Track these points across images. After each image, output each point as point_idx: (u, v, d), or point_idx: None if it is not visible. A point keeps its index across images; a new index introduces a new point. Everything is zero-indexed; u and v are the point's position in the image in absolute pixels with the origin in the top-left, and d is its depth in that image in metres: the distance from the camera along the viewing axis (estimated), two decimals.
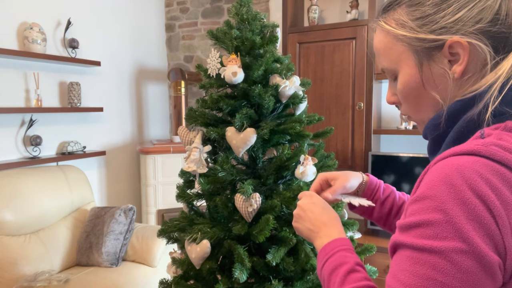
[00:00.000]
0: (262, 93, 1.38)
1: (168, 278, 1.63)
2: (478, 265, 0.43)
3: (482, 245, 0.43)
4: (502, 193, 0.45)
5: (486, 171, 0.46)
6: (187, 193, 1.53)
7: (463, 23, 0.54)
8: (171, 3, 3.75)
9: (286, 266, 1.36)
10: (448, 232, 0.45)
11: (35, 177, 2.35)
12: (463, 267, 0.44)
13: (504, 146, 0.47)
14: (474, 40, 0.53)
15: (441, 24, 0.55)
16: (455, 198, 0.45)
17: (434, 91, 0.59)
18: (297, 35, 2.81)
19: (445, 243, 0.44)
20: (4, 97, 2.39)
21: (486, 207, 0.44)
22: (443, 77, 0.57)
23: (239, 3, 1.49)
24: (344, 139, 2.69)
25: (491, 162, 0.47)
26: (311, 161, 1.42)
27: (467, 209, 0.44)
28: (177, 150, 3.12)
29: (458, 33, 0.54)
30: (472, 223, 0.44)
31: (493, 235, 0.44)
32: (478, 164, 0.47)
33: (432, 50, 0.57)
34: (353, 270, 0.60)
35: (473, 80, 0.55)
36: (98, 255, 2.33)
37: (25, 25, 2.48)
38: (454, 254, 0.44)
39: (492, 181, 0.45)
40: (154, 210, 3.15)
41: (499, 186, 0.45)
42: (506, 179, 0.45)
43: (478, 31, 0.53)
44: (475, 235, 0.44)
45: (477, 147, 0.48)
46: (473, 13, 0.53)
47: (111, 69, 3.19)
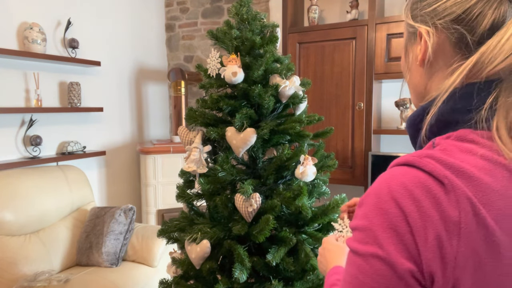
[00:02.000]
0: (262, 93, 1.38)
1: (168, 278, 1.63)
2: (390, 270, 0.46)
3: (394, 253, 0.46)
4: (421, 204, 0.46)
5: (412, 182, 0.47)
6: (187, 193, 1.53)
7: (435, 13, 0.54)
8: (171, 3, 3.75)
9: (286, 266, 1.36)
10: (369, 238, 0.48)
11: (35, 177, 2.35)
12: (378, 270, 0.47)
13: (437, 158, 0.48)
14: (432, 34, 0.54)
15: (421, 12, 0.56)
16: (378, 207, 0.48)
17: (409, 76, 0.61)
18: (297, 35, 2.81)
19: (366, 248, 0.48)
20: (4, 97, 2.39)
21: (404, 218, 0.46)
22: (413, 62, 0.60)
23: (239, 3, 1.49)
24: (344, 139, 2.69)
25: (422, 173, 0.48)
26: (311, 161, 1.42)
27: (385, 218, 0.47)
28: (177, 150, 3.12)
29: (426, 23, 0.55)
30: (388, 231, 0.47)
31: (407, 244, 0.46)
32: (408, 176, 0.48)
33: (412, 35, 0.59)
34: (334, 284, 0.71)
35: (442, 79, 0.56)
36: (98, 255, 2.33)
37: (25, 25, 2.48)
38: (371, 258, 0.48)
39: (415, 193, 0.46)
40: (154, 210, 3.15)
41: (420, 197, 0.46)
42: (429, 190, 0.46)
43: (442, 25, 0.54)
44: (390, 243, 0.46)
45: (412, 159, 0.50)
46: (446, 6, 0.53)
47: (111, 69, 3.19)
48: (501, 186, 0.46)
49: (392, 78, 2.55)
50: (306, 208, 1.38)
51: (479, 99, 0.50)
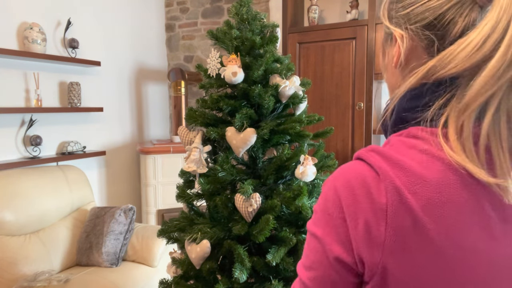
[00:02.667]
0: (262, 93, 1.38)
1: (168, 278, 1.63)
2: (322, 249, 0.53)
3: (326, 235, 0.53)
4: (356, 193, 0.51)
5: (353, 174, 0.53)
6: (187, 193, 1.53)
7: (408, 18, 0.55)
8: (171, 3, 3.75)
9: (286, 266, 1.36)
10: (315, 219, 0.56)
11: (35, 177, 2.35)
12: (315, 246, 0.55)
13: (380, 152, 0.52)
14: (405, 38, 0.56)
15: (396, 15, 0.58)
16: (323, 194, 0.55)
17: (386, 75, 0.64)
18: (297, 35, 2.81)
19: (312, 228, 0.56)
20: (4, 97, 2.39)
21: (338, 205, 0.52)
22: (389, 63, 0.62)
23: (239, 3, 1.49)
24: (344, 139, 2.69)
25: (366, 165, 0.52)
26: (311, 161, 1.42)
27: (326, 204, 0.54)
28: (177, 150, 3.12)
29: (400, 27, 0.57)
30: (326, 216, 0.54)
31: (340, 230, 0.52)
32: (352, 168, 0.54)
33: (388, 37, 0.61)
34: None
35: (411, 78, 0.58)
36: (98, 255, 2.33)
37: (25, 25, 2.48)
38: (312, 236, 0.56)
39: (352, 183, 0.51)
40: (154, 210, 3.15)
41: (356, 188, 0.51)
42: (365, 181, 0.51)
43: (414, 30, 0.55)
44: (324, 225, 0.54)
45: (360, 153, 0.55)
46: (419, 11, 0.54)
47: (111, 69, 3.19)
48: (434, 178, 0.48)
49: None
50: (306, 208, 1.38)
51: (428, 99, 0.52)
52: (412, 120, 0.54)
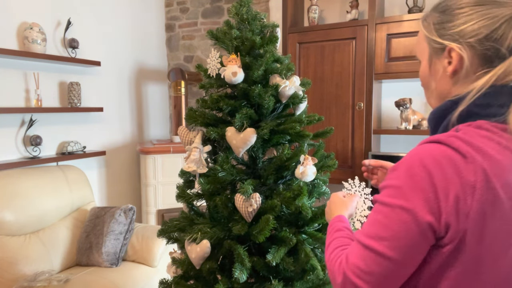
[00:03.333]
0: (262, 93, 1.38)
1: (168, 278, 1.63)
2: (412, 219, 0.62)
3: (418, 206, 0.62)
4: (445, 171, 0.61)
5: (440, 153, 0.63)
6: (187, 193, 1.53)
7: (463, 34, 0.68)
8: (171, 3, 3.75)
9: (286, 266, 1.36)
10: (397, 193, 0.64)
11: (35, 177, 2.35)
12: (402, 217, 0.63)
13: (461, 138, 0.63)
14: (463, 50, 0.68)
15: (448, 32, 0.70)
16: (408, 171, 0.64)
17: (435, 82, 0.76)
18: (297, 35, 2.81)
19: (394, 200, 0.64)
20: (4, 97, 2.39)
21: (429, 180, 0.62)
22: (442, 73, 0.73)
23: (239, 3, 1.49)
24: (344, 139, 2.70)
25: (448, 148, 0.63)
26: (311, 161, 1.42)
27: (414, 179, 0.63)
28: (177, 150, 3.12)
29: (456, 41, 0.69)
30: (415, 189, 0.62)
31: (429, 200, 0.61)
32: (436, 150, 0.64)
33: (439, 50, 0.73)
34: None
35: (466, 83, 0.70)
36: (98, 255, 2.33)
37: (25, 25, 2.48)
38: (398, 208, 0.63)
39: (440, 161, 0.62)
40: (154, 210, 3.15)
41: (445, 165, 0.62)
42: (453, 161, 0.62)
43: (471, 43, 0.67)
44: (415, 197, 0.62)
45: (440, 137, 0.65)
46: (473, 28, 0.67)
47: (111, 69, 3.19)
48: (509, 164, 0.62)
49: (392, 78, 2.55)
50: (306, 208, 1.38)
51: (500, 98, 0.65)
52: (482, 115, 0.66)
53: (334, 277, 0.71)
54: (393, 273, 0.64)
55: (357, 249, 0.67)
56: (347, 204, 0.98)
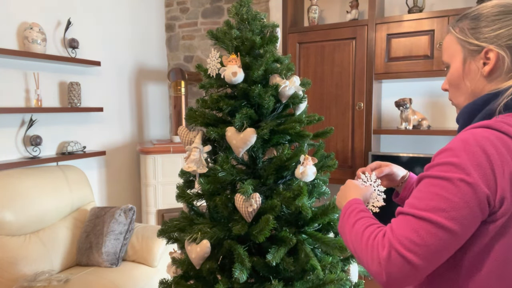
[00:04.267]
0: (262, 93, 1.38)
1: (168, 278, 1.63)
2: (472, 191, 0.67)
3: (478, 180, 0.68)
4: (500, 150, 0.70)
5: (492, 136, 0.71)
6: (187, 193, 1.53)
7: (499, 37, 0.77)
8: (171, 3, 3.75)
9: (286, 266, 1.36)
10: (457, 169, 0.69)
11: (35, 177, 2.35)
12: (462, 189, 0.68)
13: (508, 123, 0.72)
14: (502, 51, 0.77)
15: (485, 35, 0.79)
16: (467, 150, 0.70)
17: (468, 82, 0.83)
18: (297, 35, 2.81)
19: (454, 174, 0.69)
20: (4, 97, 2.39)
21: (487, 157, 0.69)
22: (476, 73, 0.81)
23: (239, 3, 1.49)
24: (344, 139, 2.70)
25: (497, 132, 0.71)
26: (311, 161, 1.42)
27: (473, 157, 0.69)
28: (177, 150, 3.12)
29: (494, 43, 0.78)
30: (474, 165, 0.68)
31: (487, 175, 0.68)
32: (488, 132, 0.71)
33: (474, 52, 0.81)
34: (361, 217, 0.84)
35: (500, 81, 0.79)
36: (98, 255, 2.33)
37: (25, 25, 2.48)
38: (458, 181, 0.68)
39: (494, 142, 0.70)
40: (154, 210, 3.15)
41: (499, 146, 0.70)
42: (505, 142, 0.70)
43: (508, 45, 0.77)
44: (474, 172, 0.68)
45: (489, 122, 0.73)
46: (509, 32, 0.76)
47: (111, 69, 3.19)
48: None
49: (392, 78, 2.55)
50: (306, 208, 1.37)
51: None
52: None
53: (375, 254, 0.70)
54: (448, 245, 0.67)
55: (407, 222, 0.69)
56: (363, 191, 0.98)
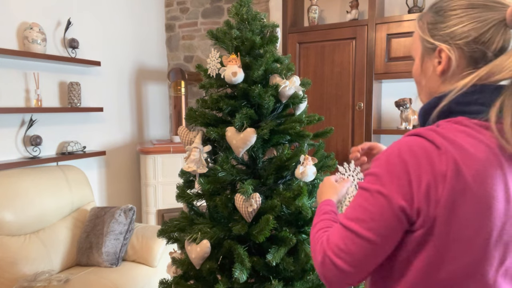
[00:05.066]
0: (262, 93, 1.38)
1: (168, 278, 1.63)
2: (387, 203, 0.68)
3: (393, 191, 0.67)
4: (420, 161, 0.66)
5: (417, 145, 0.68)
6: (187, 193, 1.53)
7: (453, 35, 0.72)
8: (171, 3, 3.75)
9: (286, 266, 1.36)
10: (376, 180, 0.70)
11: (35, 177, 2.35)
12: (378, 201, 0.69)
13: (438, 132, 0.68)
14: (453, 51, 0.72)
15: (440, 33, 0.74)
16: (387, 161, 0.70)
17: (425, 80, 0.80)
18: (297, 35, 2.81)
19: (373, 186, 0.70)
20: (4, 97, 2.39)
21: (405, 169, 0.67)
22: (432, 72, 0.77)
23: (239, 3, 1.49)
24: (344, 139, 2.69)
25: (425, 141, 0.68)
26: (311, 161, 1.42)
27: (392, 168, 0.68)
28: (177, 150, 3.12)
29: (446, 42, 0.73)
30: (391, 176, 0.68)
31: (403, 187, 0.67)
32: (415, 141, 0.69)
33: (430, 50, 0.76)
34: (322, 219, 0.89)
35: (453, 82, 0.74)
36: (98, 255, 2.33)
37: (25, 25, 2.48)
38: (375, 192, 0.69)
39: (417, 152, 0.67)
40: (154, 210, 3.15)
41: (420, 156, 0.66)
42: (428, 152, 0.66)
43: (460, 45, 0.71)
44: (391, 184, 0.68)
45: (419, 130, 0.71)
46: (463, 30, 0.70)
47: (111, 69, 3.19)
48: (481, 156, 0.66)
49: (392, 78, 2.55)
50: (306, 208, 1.38)
51: (476, 98, 0.69)
52: (461, 111, 0.70)
53: (316, 256, 0.77)
54: (370, 253, 0.70)
55: (338, 231, 0.73)
56: (338, 189, 1.03)
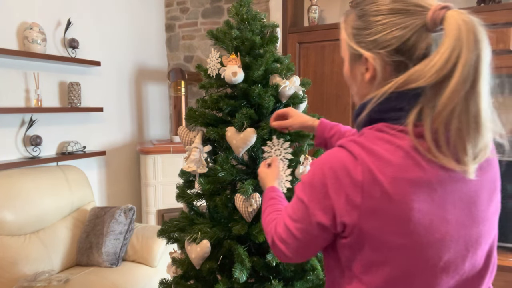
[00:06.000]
0: (262, 93, 1.38)
1: (168, 278, 1.63)
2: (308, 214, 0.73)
3: (312, 204, 0.72)
4: (338, 174, 0.68)
5: (336, 157, 0.70)
6: (187, 193, 1.53)
7: (376, 44, 0.70)
8: (171, 3, 3.75)
9: (286, 266, 1.36)
10: (303, 188, 0.75)
11: (35, 177, 2.35)
12: (301, 208, 0.75)
13: (358, 142, 0.69)
14: (378, 59, 0.71)
15: (364, 40, 0.72)
16: (312, 171, 0.74)
17: (355, 86, 0.80)
18: (297, 35, 2.81)
19: (300, 193, 0.76)
20: (4, 97, 2.39)
21: (324, 181, 0.70)
22: (361, 78, 0.77)
23: (239, 3, 1.49)
24: None
25: (345, 151, 0.70)
26: (311, 161, 1.42)
27: (313, 180, 0.72)
28: (177, 150, 3.12)
29: (370, 51, 0.71)
30: (312, 187, 0.72)
31: (321, 199, 0.70)
32: (335, 153, 0.71)
33: (357, 56, 0.75)
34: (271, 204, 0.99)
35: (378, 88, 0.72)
36: (98, 255, 2.33)
37: (25, 25, 2.48)
38: (300, 201, 0.75)
39: (335, 165, 0.69)
40: (154, 210, 3.15)
41: (338, 169, 0.68)
42: (345, 163, 0.68)
43: (384, 53, 0.70)
44: (311, 194, 0.72)
45: (342, 141, 0.72)
46: (386, 38, 0.69)
47: (111, 69, 3.19)
48: (397, 162, 0.66)
49: None
50: None
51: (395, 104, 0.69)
52: (382, 118, 0.71)
53: (267, 238, 0.88)
54: (302, 245, 0.78)
55: (282, 222, 0.82)
56: (274, 173, 1.14)
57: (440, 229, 0.66)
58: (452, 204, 0.67)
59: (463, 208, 0.68)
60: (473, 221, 0.70)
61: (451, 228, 0.67)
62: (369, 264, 0.70)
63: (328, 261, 0.81)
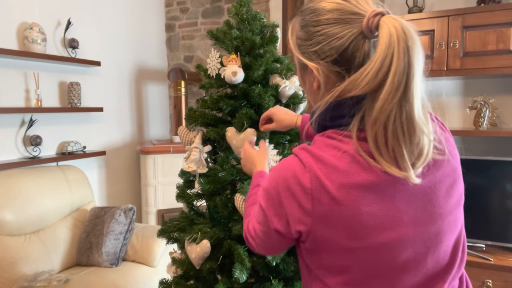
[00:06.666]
0: (262, 93, 1.38)
1: (168, 278, 1.63)
2: (266, 220, 0.76)
3: (268, 211, 0.75)
4: (288, 182, 0.70)
5: (288, 166, 0.72)
6: (187, 193, 1.53)
7: (318, 55, 0.71)
8: (171, 3, 3.75)
9: (286, 266, 1.36)
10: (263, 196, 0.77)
11: (35, 177, 2.35)
12: (261, 214, 0.77)
13: (308, 150, 0.71)
14: (320, 70, 0.72)
15: (307, 51, 0.73)
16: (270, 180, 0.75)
17: (307, 93, 0.82)
18: None
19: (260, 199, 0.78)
20: (4, 97, 2.39)
21: (277, 190, 0.72)
22: (309, 86, 0.78)
23: (239, 3, 1.49)
24: None
25: (296, 160, 0.71)
26: None
27: (268, 188, 0.75)
28: (177, 150, 3.12)
29: (313, 61, 0.72)
30: (267, 196, 0.75)
31: (276, 208, 0.73)
32: (288, 162, 0.73)
33: (304, 66, 0.76)
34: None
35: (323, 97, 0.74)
36: (98, 255, 2.33)
37: (25, 25, 2.48)
38: (259, 206, 0.78)
39: (286, 174, 0.71)
40: (154, 210, 3.15)
41: (289, 177, 0.70)
42: (295, 171, 0.70)
43: (325, 64, 0.71)
44: (266, 202, 0.75)
45: (295, 150, 0.74)
46: (325, 49, 0.70)
47: (111, 69, 3.19)
48: (344, 168, 0.67)
49: None
50: None
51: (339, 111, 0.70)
52: (329, 125, 0.73)
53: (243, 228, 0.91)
54: (266, 245, 0.82)
55: (252, 220, 0.85)
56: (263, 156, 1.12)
57: (393, 230, 0.67)
58: (405, 203, 0.68)
59: (417, 206, 0.68)
60: (430, 218, 0.69)
61: (405, 227, 0.68)
62: (328, 268, 0.72)
63: (300, 262, 0.84)
